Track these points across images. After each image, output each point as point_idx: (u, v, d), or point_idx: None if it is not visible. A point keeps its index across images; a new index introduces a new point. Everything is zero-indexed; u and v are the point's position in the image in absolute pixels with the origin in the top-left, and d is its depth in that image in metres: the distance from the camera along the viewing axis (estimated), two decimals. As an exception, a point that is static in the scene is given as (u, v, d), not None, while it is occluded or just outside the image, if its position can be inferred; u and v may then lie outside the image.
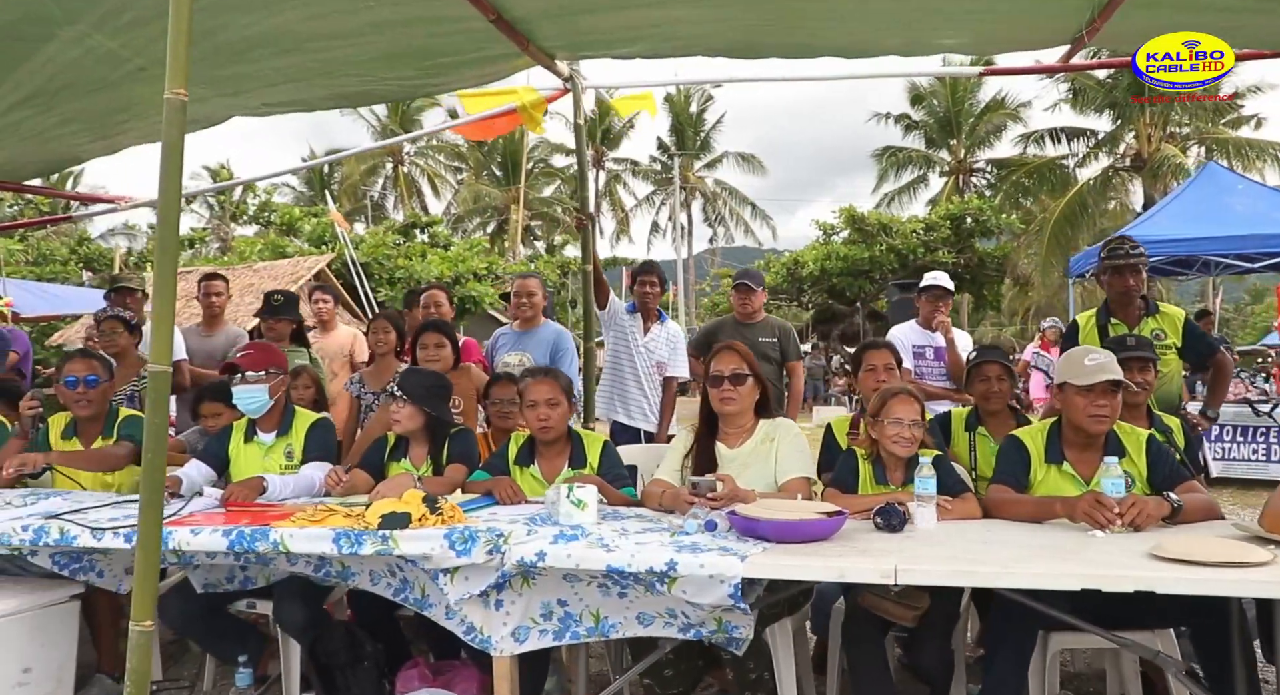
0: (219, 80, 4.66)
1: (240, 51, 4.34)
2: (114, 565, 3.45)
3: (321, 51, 4.39)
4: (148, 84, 4.53)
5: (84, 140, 5.31)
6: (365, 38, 4.27)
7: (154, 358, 2.38)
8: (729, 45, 4.56)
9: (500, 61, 4.69)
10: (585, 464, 3.61)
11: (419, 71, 4.74)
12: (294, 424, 3.90)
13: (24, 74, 4.30)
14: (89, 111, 4.89)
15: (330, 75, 4.80)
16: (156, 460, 2.37)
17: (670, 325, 5.69)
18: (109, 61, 4.23)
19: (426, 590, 3.03)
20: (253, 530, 2.94)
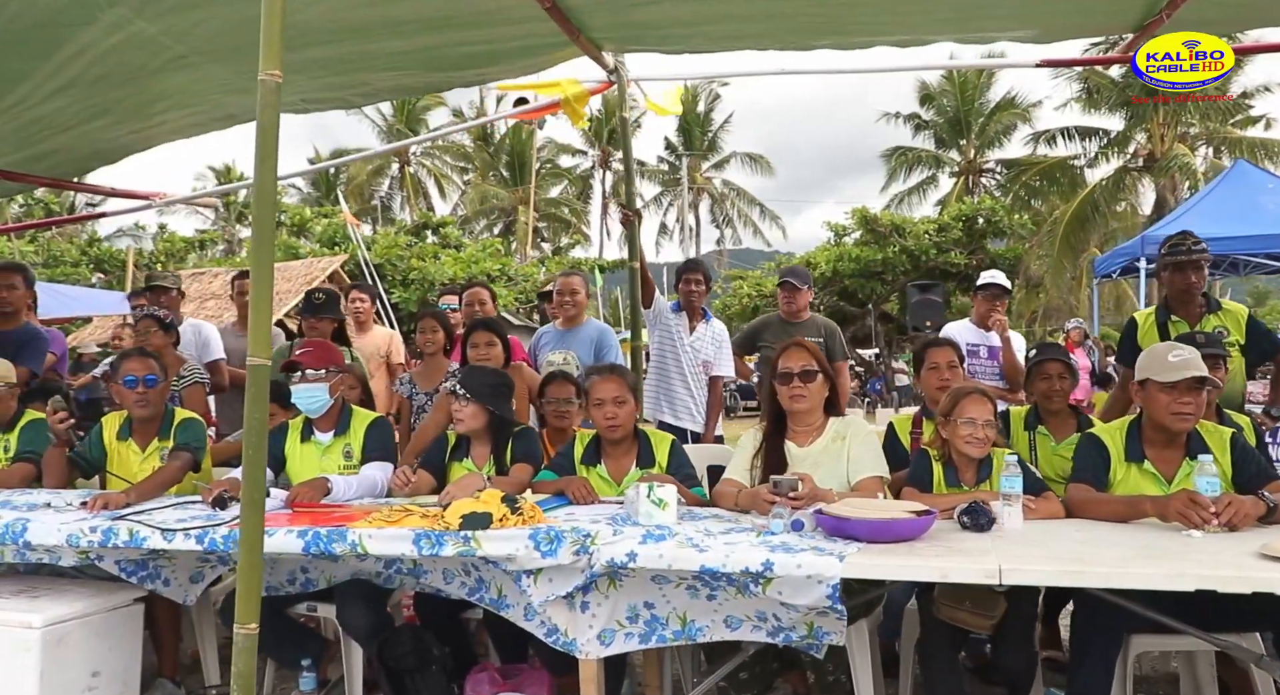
0: (253, 71, 4.62)
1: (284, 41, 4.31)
2: (179, 573, 3.41)
3: (368, 42, 4.35)
4: (187, 72, 4.50)
5: (121, 132, 5.25)
6: (414, 27, 4.23)
7: (253, 351, 2.33)
8: (781, 39, 4.52)
9: (547, 52, 4.65)
10: (653, 463, 3.56)
11: (468, 59, 4.69)
12: (352, 423, 3.85)
13: (62, 60, 4.23)
14: (126, 102, 4.83)
15: (373, 68, 4.75)
16: (257, 458, 2.32)
17: (715, 324, 5.64)
18: (149, 48, 4.18)
19: (504, 591, 2.99)
20: (329, 531, 2.90)
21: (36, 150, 5.27)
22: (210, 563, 3.43)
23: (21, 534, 3.16)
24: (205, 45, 4.29)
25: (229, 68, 4.50)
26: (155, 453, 3.98)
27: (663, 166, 45.69)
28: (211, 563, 3.43)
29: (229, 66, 4.49)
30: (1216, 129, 24.71)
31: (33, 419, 4.26)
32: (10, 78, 4.34)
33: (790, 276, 5.65)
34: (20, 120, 4.82)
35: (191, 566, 3.42)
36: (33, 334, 5.40)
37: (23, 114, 4.75)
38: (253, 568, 2.35)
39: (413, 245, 21.18)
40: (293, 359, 3.75)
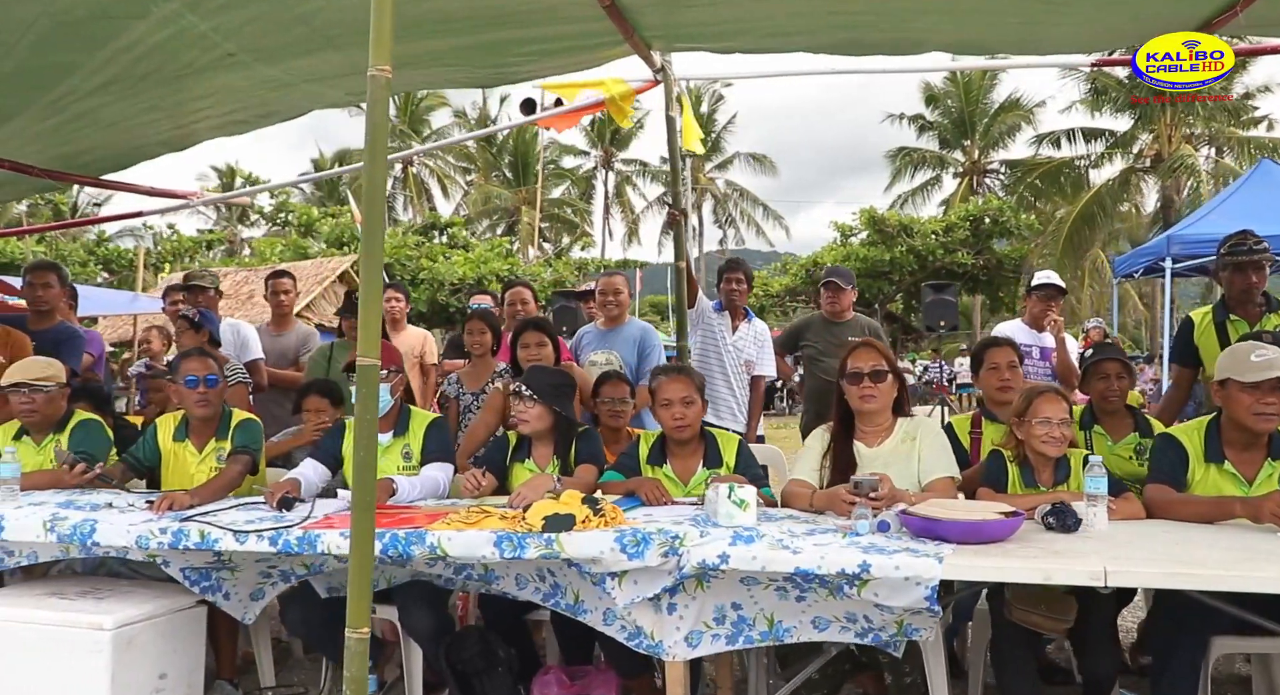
0: (300, 69, 4.60)
1: (331, 38, 4.28)
2: (240, 589, 3.35)
3: (427, 38, 4.30)
4: (235, 71, 4.45)
5: (163, 130, 5.21)
6: (468, 24, 4.20)
7: (362, 351, 2.30)
8: (834, 42, 4.50)
9: (596, 49, 4.62)
10: (721, 464, 3.53)
11: (518, 57, 4.66)
12: (411, 424, 3.82)
13: (109, 55, 4.16)
14: (170, 98, 4.78)
15: (416, 64, 4.71)
16: (368, 458, 2.28)
17: (757, 323, 5.61)
18: (199, 45, 4.13)
19: (581, 596, 2.96)
20: (407, 533, 2.87)
21: (77, 147, 5.23)
22: (271, 579, 3.37)
23: (90, 534, 3.12)
24: (255, 43, 4.24)
25: (277, 67, 4.47)
26: (212, 454, 3.94)
27: (666, 166, 45.61)
28: (273, 579, 3.37)
29: (277, 65, 4.46)
30: (1220, 129, 24.76)
31: (83, 419, 4.21)
32: (58, 70, 4.29)
33: (834, 276, 5.63)
34: (64, 115, 4.78)
35: (253, 583, 3.36)
36: (70, 332, 5.36)
37: (66, 109, 4.71)
38: (363, 570, 2.32)
39: (421, 245, 21.13)
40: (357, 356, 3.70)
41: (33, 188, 5.73)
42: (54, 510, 3.30)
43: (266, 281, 6.01)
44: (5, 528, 3.20)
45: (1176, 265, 8.88)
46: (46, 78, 4.36)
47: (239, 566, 3.27)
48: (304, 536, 2.93)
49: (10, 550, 3.33)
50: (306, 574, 3.32)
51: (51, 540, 3.16)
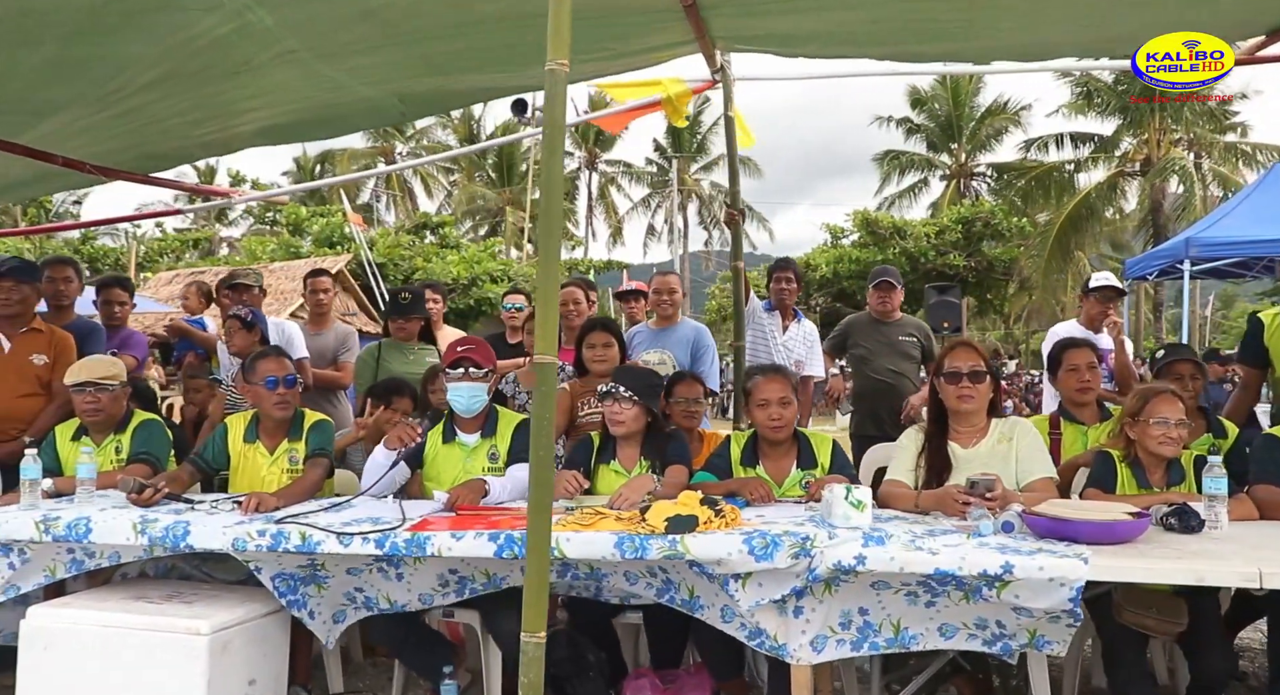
0: (359, 69, 4.51)
1: (397, 35, 4.21)
2: (323, 609, 3.25)
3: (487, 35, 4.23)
4: (293, 68, 4.34)
5: (208, 132, 5.08)
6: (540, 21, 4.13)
7: (539, 348, 2.24)
8: (900, 49, 4.47)
9: (662, 50, 4.56)
10: (816, 465, 3.49)
11: (581, 57, 4.59)
12: (499, 425, 3.75)
13: (169, 48, 4.02)
14: (221, 97, 4.64)
15: (481, 69, 4.64)
16: (546, 458, 2.23)
17: (806, 323, 5.60)
18: (260, 40, 4.02)
19: (697, 591, 2.91)
20: (522, 535, 2.80)
21: (121, 143, 5.09)
22: (354, 604, 3.27)
23: (183, 536, 3.05)
24: (318, 41, 4.15)
25: (337, 66, 4.36)
26: (284, 455, 3.86)
27: (651, 168, 45.64)
28: (355, 605, 3.27)
29: (337, 64, 4.35)
30: (1202, 134, 25.06)
31: (145, 419, 4.13)
32: (115, 62, 4.15)
33: (885, 275, 5.62)
34: (112, 110, 4.65)
35: (336, 603, 3.26)
36: (90, 327, 5.27)
37: (116, 104, 4.58)
38: (540, 573, 2.25)
39: (414, 245, 20.98)
40: (461, 355, 3.64)
41: (74, 183, 5.60)
42: (142, 512, 3.22)
43: (305, 280, 5.92)
44: (94, 529, 3.12)
45: (1195, 268, 8.95)
46: (102, 69, 4.23)
47: (328, 581, 3.17)
48: (412, 539, 2.87)
49: (91, 551, 3.24)
50: (390, 608, 3.23)
51: (142, 542, 3.08)
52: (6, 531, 3.18)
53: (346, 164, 42.57)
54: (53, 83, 4.31)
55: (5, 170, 5.28)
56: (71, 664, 3.01)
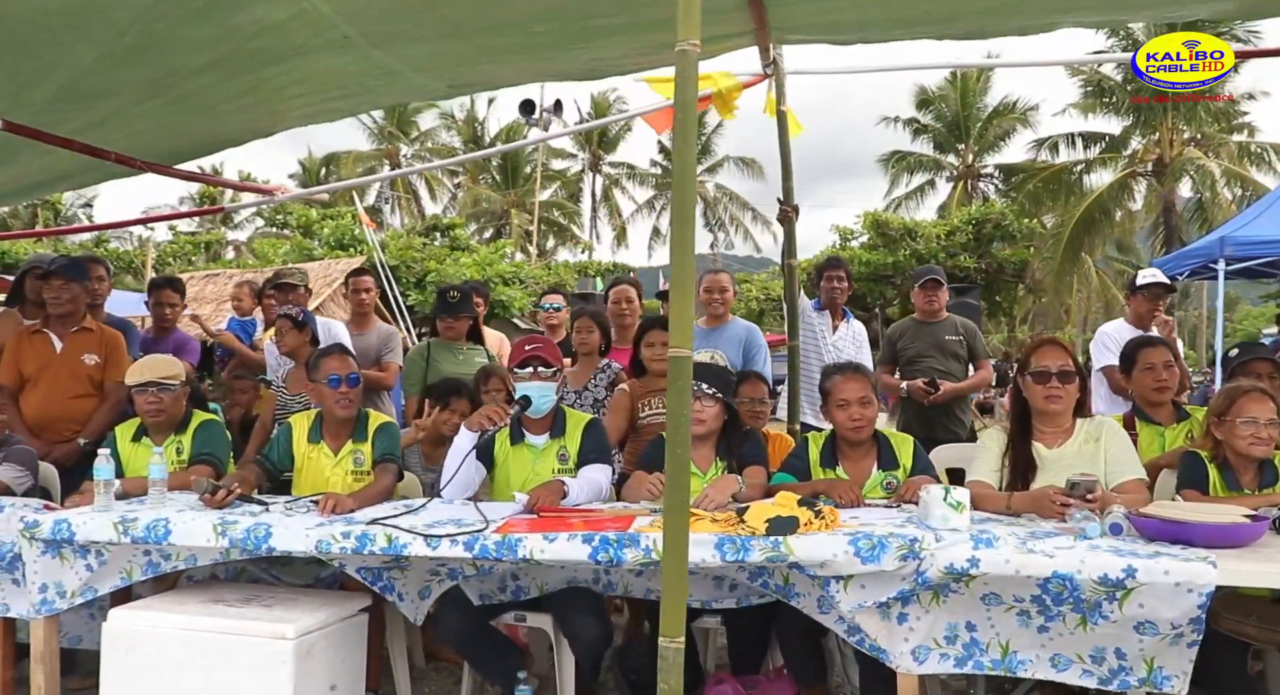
0: (411, 56, 4.46)
1: (457, 26, 4.16)
2: (409, 588, 3.23)
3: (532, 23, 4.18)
4: (344, 53, 4.30)
5: (255, 116, 5.03)
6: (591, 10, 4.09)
7: (674, 342, 2.19)
8: (964, 27, 4.41)
9: (717, 42, 4.52)
10: (897, 465, 3.44)
11: (638, 48, 4.55)
12: (568, 426, 3.71)
13: (225, 32, 3.95)
14: (272, 82, 4.60)
15: (524, 54, 4.58)
16: (682, 458, 2.18)
17: (855, 323, 5.56)
18: (315, 26, 3.99)
19: (792, 578, 2.84)
20: (618, 537, 2.76)
21: (169, 132, 5.03)
22: (439, 577, 3.25)
23: (265, 538, 3.00)
24: (372, 27, 4.11)
25: (389, 52, 4.33)
26: (348, 456, 3.82)
27: (655, 170, 45.58)
28: (440, 577, 3.25)
29: (390, 50, 4.31)
30: (1211, 134, 25.02)
31: (205, 420, 4.08)
32: (171, 46, 4.08)
33: (933, 274, 5.57)
34: (164, 97, 4.59)
35: (421, 580, 3.24)
36: (123, 325, 5.24)
37: (168, 90, 4.52)
38: (679, 577, 2.20)
39: (425, 246, 20.92)
40: (530, 353, 3.59)
41: (116, 174, 5.55)
42: (220, 514, 3.18)
43: (347, 280, 5.89)
44: (173, 531, 3.07)
45: (1230, 267, 8.90)
46: (156, 54, 4.16)
47: (409, 565, 3.15)
48: (502, 541, 2.82)
49: (168, 554, 3.20)
50: (475, 574, 3.20)
51: (223, 544, 3.03)
52: (85, 533, 3.13)
53: (351, 166, 42.50)
54: (107, 70, 4.25)
55: (53, 164, 5.23)
56: (154, 667, 2.96)
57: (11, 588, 3.29)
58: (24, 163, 5.13)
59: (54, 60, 4.15)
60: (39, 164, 5.05)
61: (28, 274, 5.23)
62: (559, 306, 5.98)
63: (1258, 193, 22.85)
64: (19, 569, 3.27)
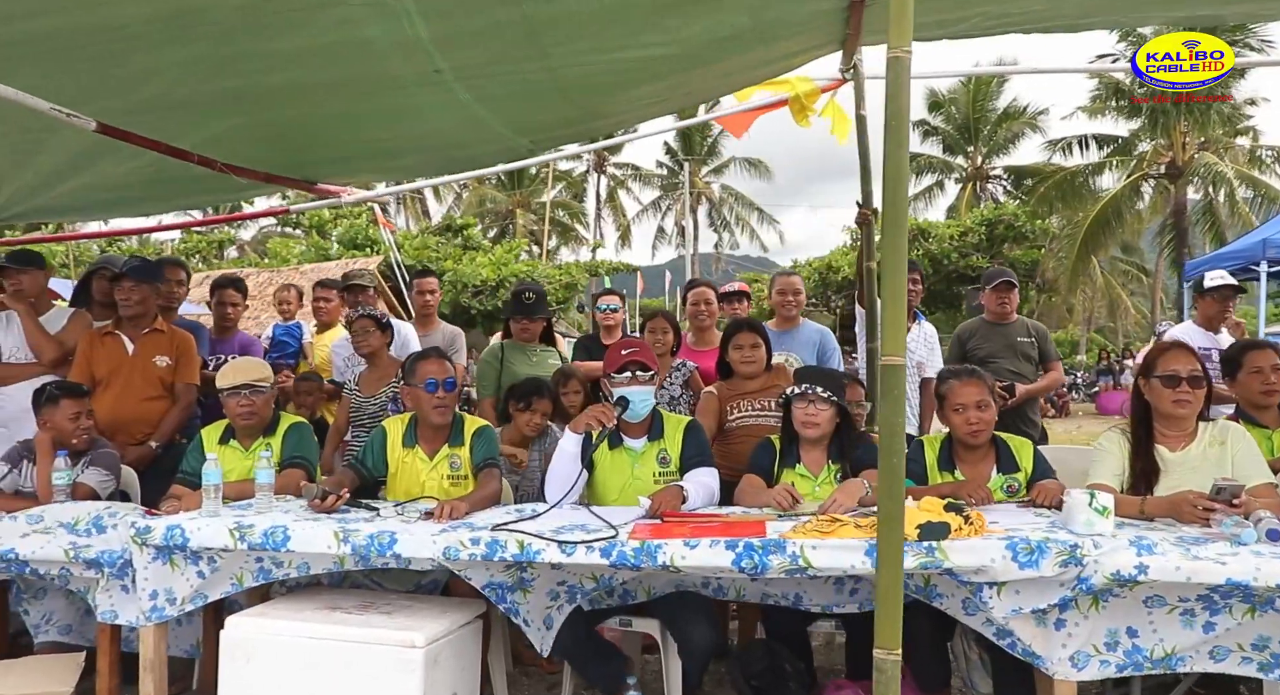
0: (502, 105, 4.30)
1: (562, 86, 4.06)
2: (534, 615, 3.10)
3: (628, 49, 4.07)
4: (432, 91, 4.10)
5: (331, 151, 4.91)
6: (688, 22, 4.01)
7: (885, 350, 2.14)
8: (1062, 20, 4.36)
9: (809, 51, 4.47)
10: (1017, 468, 3.39)
11: (736, 69, 4.47)
12: (665, 428, 3.65)
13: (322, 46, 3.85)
14: (356, 117, 4.46)
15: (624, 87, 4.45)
16: (896, 466, 2.12)
17: (926, 325, 5.50)
18: (407, 55, 3.83)
19: (933, 579, 2.78)
20: (763, 543, 2.70)
21: (243, 156, 4.94)
22: (559, 602, 3.13)
23: (390, 545, 2.94)
24: (465, 63, 3.94)
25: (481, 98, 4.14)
26: (444, 461, 3.75)
27: (661, 170, 45.58)
28: (560, 602, 3.13)
29: (479, 91, 4.13)
30: (1216, 137, 25.04)
31: (294, 422, 4.03)
32: (262, 61, 3.98)
33: (1004, 276, 5.52)
34: (248, 118, 4.47)
35: (543, 607, 3.12)
36: (195, 327, 5.21)
37: (253, 111, 4.39)
38: (894, 586, 2.15)
39: (441, 246, 20.85)
40: (628, 357, 3.54)
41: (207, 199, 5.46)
42: (340, 521, 3.12)
43: (413, 280, 5.83)
44: (292, 537, 3.01)
45: (1275, 268, 8.87)
46: (240, 68, 4.05)
47: (533, 585, 3.06)
48: (641, 547, 2.76)
49: (280, 561, 3.14)
50: (595, 588, 3.11)
51: (344, 551, 2.97)
52: (199, 539, 3.07)
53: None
54: (192, 82, 4.14)
55: (133, 170, 5.14)
56: (277, 676, 2.91)
57: (120, 594, 3.23)
58: (101, 171, 5.04)
59: (141, 69, 4.05)
60: (121, 170, 4.96)
61: (94, 274, 5.18)
62: (616, 307, 5.90)
63: (1268, 196, 22.89)
64: (128, 575, 3.21)
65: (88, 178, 5.28)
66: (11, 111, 4.22)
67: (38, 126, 4.36)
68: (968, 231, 23.66)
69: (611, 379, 3.59)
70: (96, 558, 3.19)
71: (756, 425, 4.13)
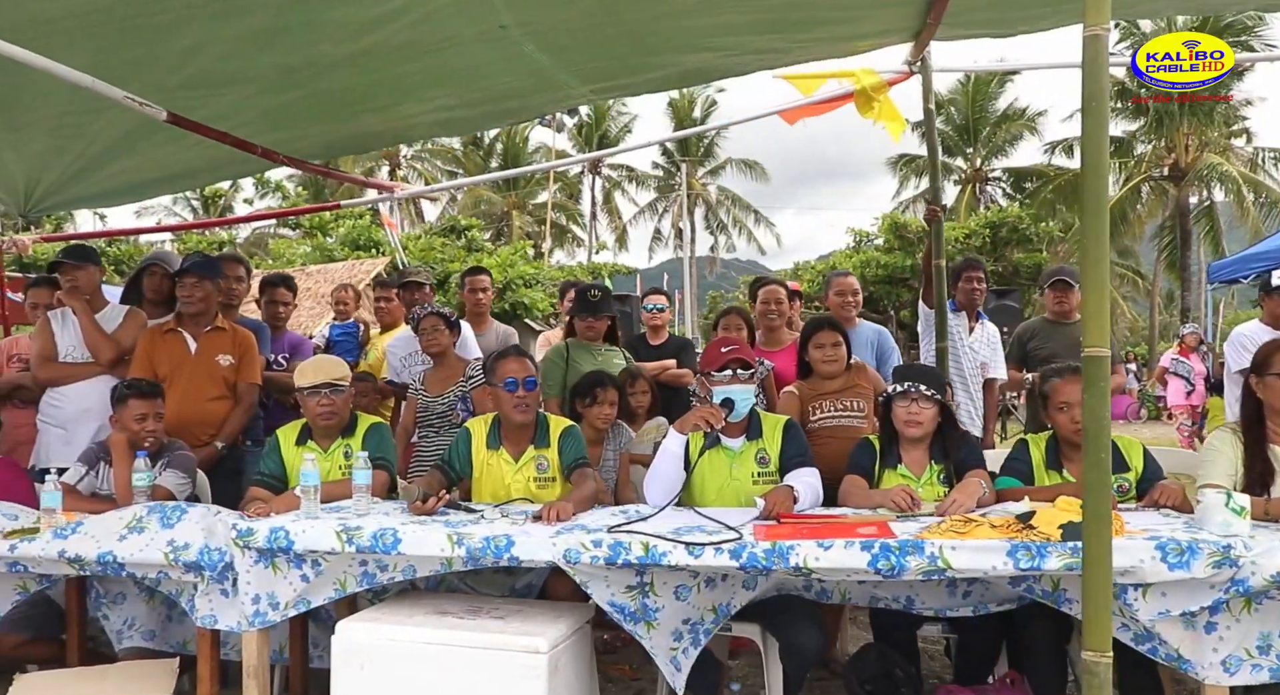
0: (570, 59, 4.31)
1: (640, 36, 4.02)
2: (659, 647, 2.95)
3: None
4: (493, 46, 4.09)
5: (385, 120, 4.86)
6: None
7: (1089, 341, 2.08)
8: (1147, 8, 4.33)
9: (881, 36, 4.42)
10: (1128, 468, 3.34)
11: (797, 41, 4.42)
12: (764, 427, 3.59)
13: (376, 18, 3.77)
14: (409, 80, 4.39)
15: (677, 50, 4.43)
16: (1103, 461, 2.06)
17: (989, 325, 5.47)
18: (472, 14, 3.80)
19: (1063, 583, 2.73)
20: (899, 544, 2.65)
21: (292, 132, 4.87)
22: (683, 643, 3.00)
23: (506, 548, 2.87)
24: (530, 18, 3.92)
25: (543, 46, 4.14)
26: (531, 462, 3.68)
27: (657, 172, 45.53)
28: (685, 643, 3.00)
29: (544, 43, 4.12)
30: (1216, 139, 25.18)
31: (373, 423, 3.95)
32: (317, 32, 3.86)
33: (1062, 275, 5.49)
34: (296, 91, 4.40)
35: (667, 645, 2.97)
36: (257, 326, 5.12)
37: (305, 83, 4.34)
38: (1103, 587, 2.09)
39: (446, 246, 20.74)
40: (729, 356, 3.48)
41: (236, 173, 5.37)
42: (452, 523, 3.05)
43: (463, 278, 5.76)
44: (403, 540, 2.94)
45: (1305, 271, 8.84)
46: (303, 37, 3.92)
47: (658, 618, 2.92)
48: (773, 549, 2.70)
49: (384, 565, 3.06)
50: (715, 620, 3.01)
51: (460, 554, 2.90)
52: (305, 542, 2.99)
53: (350, 166, 42.03)
54: (245, 56, 4.03)
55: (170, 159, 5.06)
56: (393, 682, 2.83)
57: (220, 598, 3.15)
58: (142, 153, 4.95)
59: (192, 44, 3.94)
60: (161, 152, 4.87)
61: (145, 271, 5.08)
62: (663, 307, 5.84)
63: (1270, 198, 23.02)
64: (228, 579, 3.13)
65: (130, 160, 5.21)
66: (55, 97, 4.17)
67: (80, 109, 4.29)
68: (972, 234, 23.68)
69: (710, 378, 3.53)
70: (197, 560, 3.10)
71: (839, 426, 4.08)
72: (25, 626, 3.70)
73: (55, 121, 4.37)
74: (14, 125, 4.39)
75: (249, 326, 4.94)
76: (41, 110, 4.19)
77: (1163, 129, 24.02)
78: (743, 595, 2.99)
